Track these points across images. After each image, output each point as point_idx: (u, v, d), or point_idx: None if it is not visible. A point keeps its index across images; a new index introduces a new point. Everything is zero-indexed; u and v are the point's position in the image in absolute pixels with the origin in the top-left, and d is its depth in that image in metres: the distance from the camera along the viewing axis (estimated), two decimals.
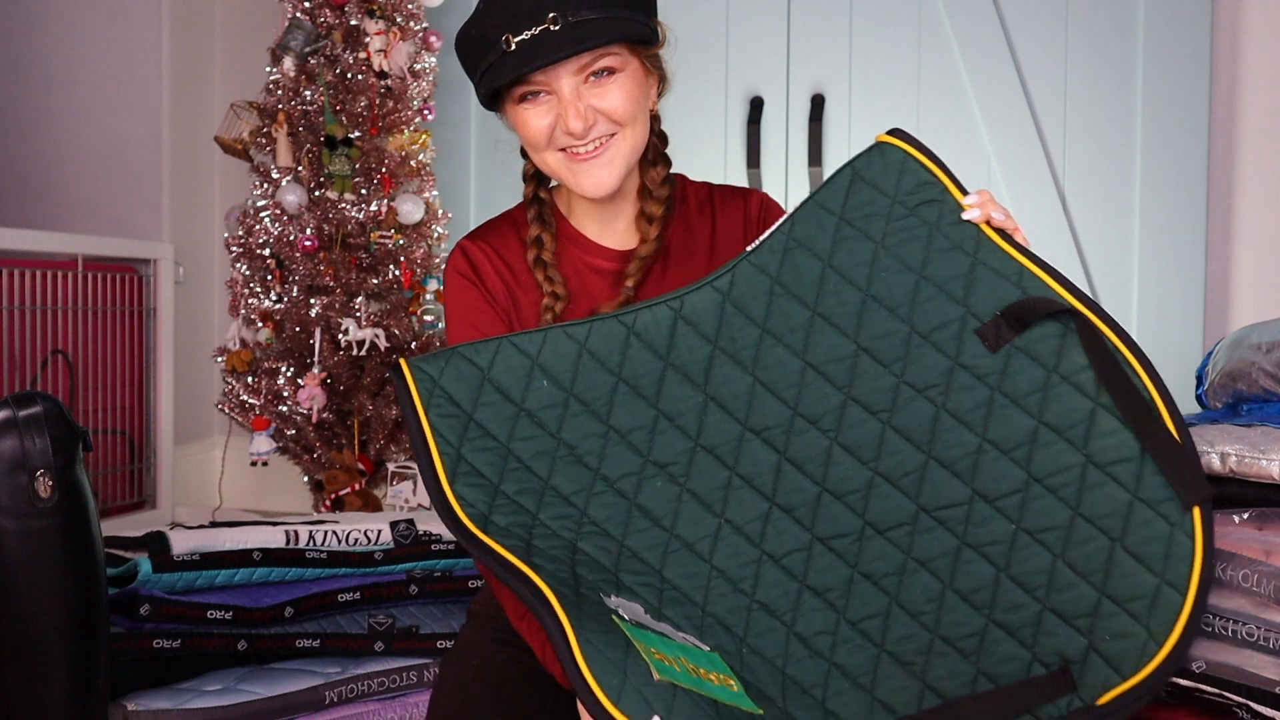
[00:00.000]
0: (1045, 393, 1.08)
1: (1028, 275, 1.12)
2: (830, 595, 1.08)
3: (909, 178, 1.19)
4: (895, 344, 1.13)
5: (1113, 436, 1.04)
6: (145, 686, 1.45)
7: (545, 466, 1.14)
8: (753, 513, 1.11)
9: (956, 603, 1.05)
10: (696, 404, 1.15)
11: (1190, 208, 2.85)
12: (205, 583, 1.52)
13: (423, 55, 2.85)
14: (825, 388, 1.13)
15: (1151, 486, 1.02)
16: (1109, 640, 0.99)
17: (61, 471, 1.28)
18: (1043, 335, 1.09)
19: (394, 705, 1.56)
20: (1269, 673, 1.05)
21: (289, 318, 2.75)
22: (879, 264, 1.15)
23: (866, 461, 1.11)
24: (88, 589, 1.31)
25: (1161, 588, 0.99)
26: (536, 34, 1.21)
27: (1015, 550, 1.04)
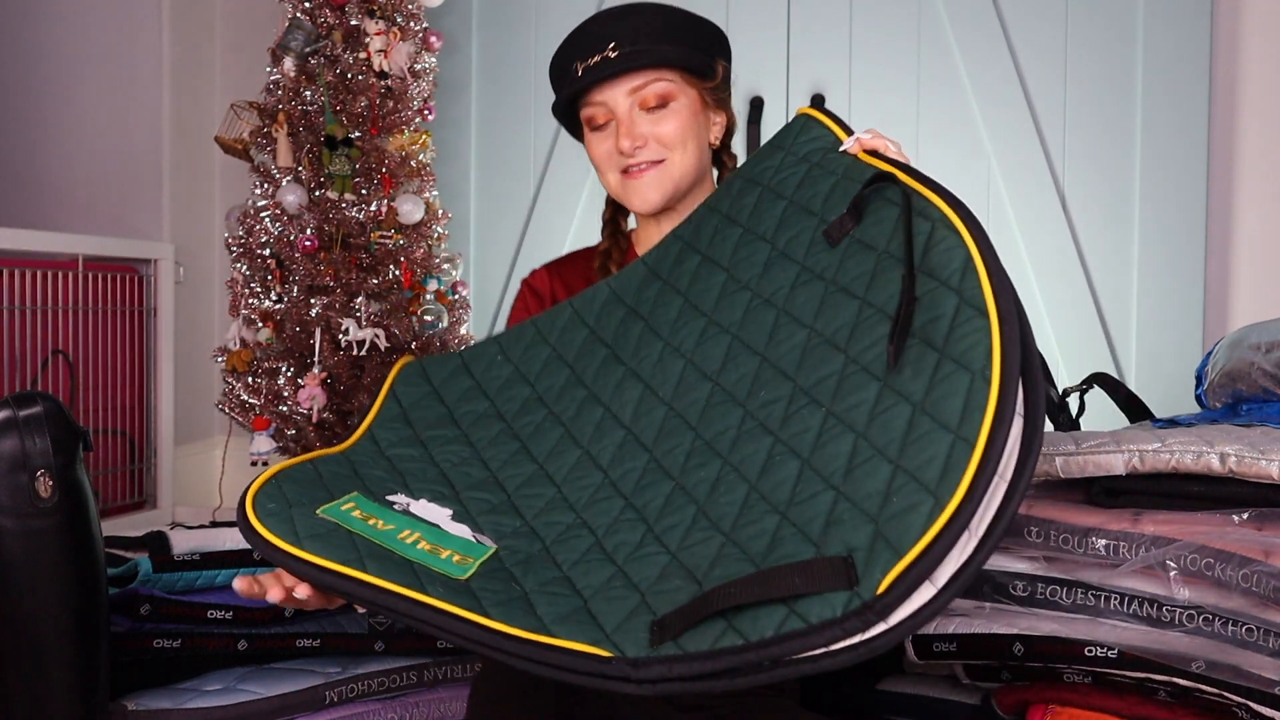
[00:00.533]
0: (873, 274, 1.04)
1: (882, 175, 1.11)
2: (647, 511, 1.05)
3: (805, 134, 1.27)
4: (756, 263, 1.18)
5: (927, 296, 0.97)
6: (145, 686, 1.45)
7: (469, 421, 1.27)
8: (609, 440, 1.17)
9: (757, 502, 0.97)
10: (599, 358, 1.26)
11: (1190, 208, 2.85)
12: (205, 582, 1.52)
13: (423, 55, 2.85)
14: (696, 318, 1.20)
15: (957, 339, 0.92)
16: (894, 519, 0.85)
17: (62, 471, 1.28)
18: (877, 220, 1.08)
19: (394, 705, 1.56)
20: (1269, 673, 1.05)
21: (289, 318, 2.75)
22: (760, 201, 1.24)
23: (709, 374, 1.13)
24: (88, 589, 1.31)
25: (955, 444, 0.85)
26: (597, 61, 1.40)
27: (821, 436, 0.97)
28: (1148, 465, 1.18)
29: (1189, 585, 1.11)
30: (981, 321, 0.91)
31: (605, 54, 1.40)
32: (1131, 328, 2.90)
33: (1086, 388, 1.53)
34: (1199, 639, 1.10)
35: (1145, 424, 1.37)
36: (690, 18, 1.45)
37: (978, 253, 0.98)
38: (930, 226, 1.03)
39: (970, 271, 0.96)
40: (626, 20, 1.41)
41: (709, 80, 1.46)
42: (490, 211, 3.36)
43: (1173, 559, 1.11)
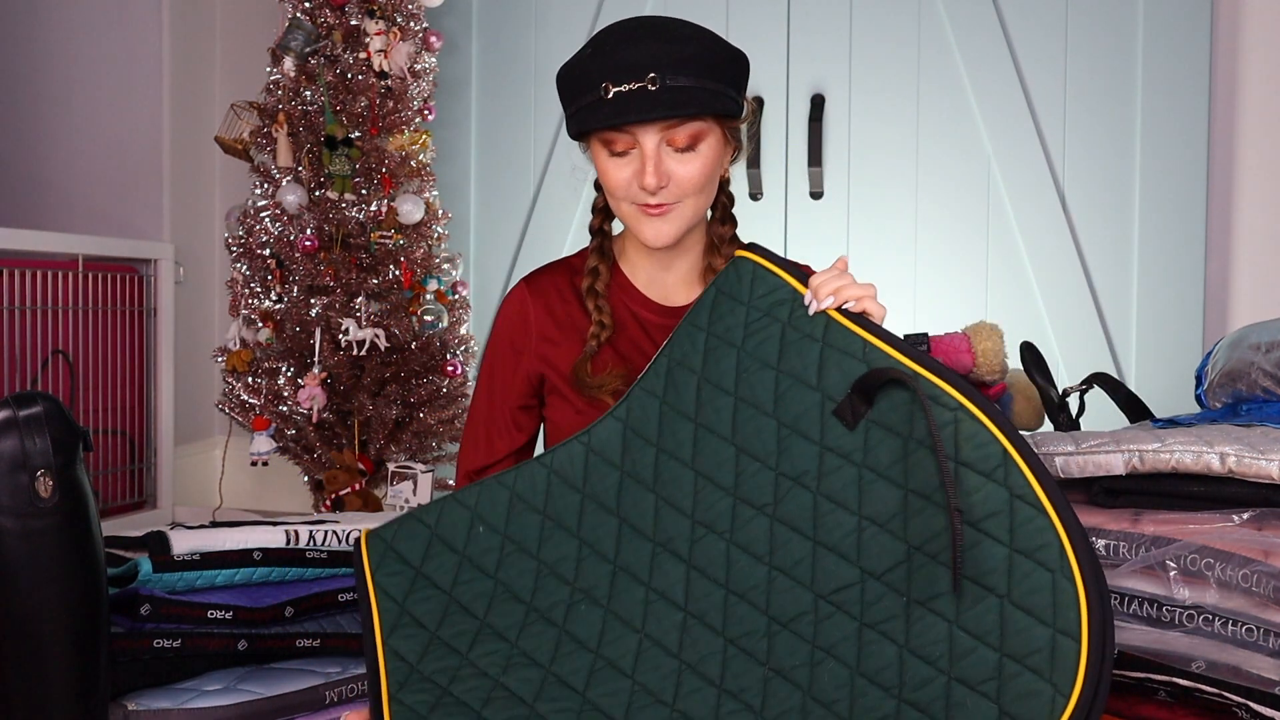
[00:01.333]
0: (905, 461, 1.10)
1: (870, 348, 1.16)
2: (746, 696, 1.09)
3: (760, 284, 1.26)
4: (767, 439, 1.18)
5: (978, 493, 1.05)
6: (145, 686, 1.45)
7: (483, 606, 1.24)
8: (669, 623, 1.16)
9: (866, 687, 1.04)
10: (612, 529, 1.23)
11: (1190, 208, 2.85)
12: (205, 583, 1.52)
13: (423, 55, 2.85)
14: (715, 493, 1.19)
15: (1024, 536, 1.02)
16: (1017, 701, 0.97)
17: (62, 471, 1.28)
18: (892, 405, 1.12)
19: None
20: (1269, 673, 1.05)
21: (289, 318, 2.75)
22: (743, 367, 1.23)
23: (760, 557, 1.14)
24: (88, 589, 1.31)
25: (1056, 637, 0.98)
26: (634, 89, 1.29)
27: (911, 623, 1.04)
28: (1148, 465, 1.18)
29: (1189, 585, 1.11)
30: (1043, 520, 1.01)
31: (645, 84, 1.29)
32: (1131, 328, 2.90)
33: (1086, 388, 1.53)
34: (1199, 639, 1.10)
35: (1145, 424, 1.37)
36: (726, 49, 1.35)
37: (1011, 445, 1.06)
38: (953, 416, 1.09)
39: (1012, 465, 1.04)
40: (666, 46, 1.30)
41: (735, 121, 1.39)
42: (490, 211, 3.36)
43: (1173, 559, 1.11)
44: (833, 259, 1.61)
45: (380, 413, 2.75)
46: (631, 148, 1.34)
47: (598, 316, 1.45)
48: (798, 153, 3.06)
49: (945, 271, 2.98)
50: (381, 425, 2.76)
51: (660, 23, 1.35)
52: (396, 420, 2.80)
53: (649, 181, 1.32)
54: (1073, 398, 1.54)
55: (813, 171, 3.02)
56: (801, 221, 3.07)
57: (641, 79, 1.29)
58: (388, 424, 2.76)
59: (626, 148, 1.34)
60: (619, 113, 1.30)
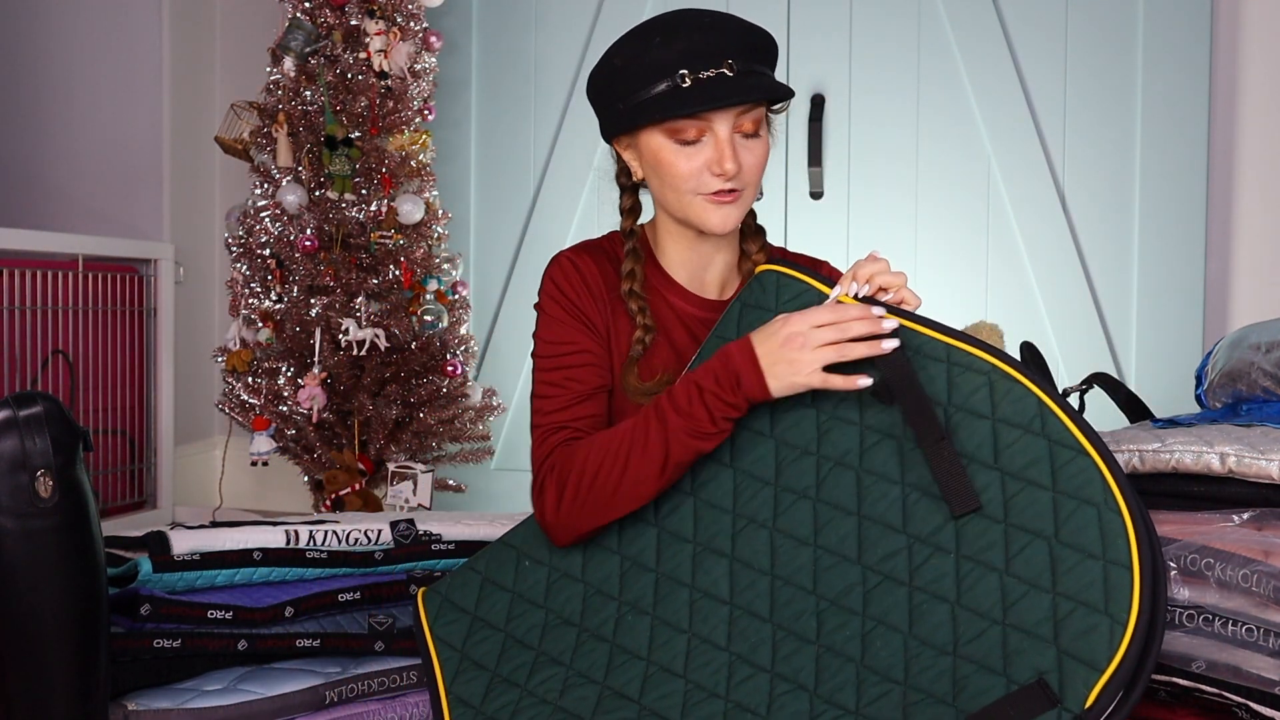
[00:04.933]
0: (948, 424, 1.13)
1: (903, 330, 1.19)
2: (800, 677, 1.11)
3: (785, 291, 1.30)
4: (807, 428, 1.21)
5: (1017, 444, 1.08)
6: (145, 686, 1.45)
7: (537, 637, 1.28)
8: (716, 619, 1.18)
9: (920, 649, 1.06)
10: (651, 539, 1.26)
11: (1190, 208, 2.85)
12: (205, 583, 1.52)
13: (423, 55, 2.85)
14: (755, 484, 1.22)
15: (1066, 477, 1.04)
16: (1076, 640, 0.99)
17: (62, 471, 1.28)
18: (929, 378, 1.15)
19: (394, 705, 1.56)
20: (1269, 673, 1.05)
21: (289, 318, 2.75)
22: None
23: (804, 540, 1.16)
24: (89, 589, 1.31)
25: (1108, 569, 1.00)
26: (714, 75, 1.29)
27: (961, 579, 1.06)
28: (1148, 465, 1.18)
29: (1189, 585, 1.11)
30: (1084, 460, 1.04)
31: (722, 70, 1.29)
32: (1131, 328, 2.90)
33: (1086, 388, 1.53)
34: (1199, 639, 1.10)
35: (1145, 424, 1.37)
36: (770, 37, 1.37)
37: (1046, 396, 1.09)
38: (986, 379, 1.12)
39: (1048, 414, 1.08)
40: (734, 35, 1.32)
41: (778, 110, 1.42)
42: (490, 211, 3.36)
43: (1173, 559, 1.11)
44: (832, 258, 1.61)
45: (380, 413, 2.75)
46: (703, 135, 1.32)
47: (641, 320, 1.41)
48: (798, 153, 3.06)
49: (945, 271, 2.98)
50: (381, 425, 2.76)
51: (717, 14, 1.36)
52: (396, 420, 2.80)
53: (729, 167, 1.31)
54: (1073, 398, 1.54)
55: (813, 171, 3.02)
56: (801, 221, 3.07)
57: (719, 65, 1.29)
58: (388, 424, 2.76)
59: (699, 135, 1.32)
60: (706, 98, 1.29)
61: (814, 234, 3.03)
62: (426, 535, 1.66)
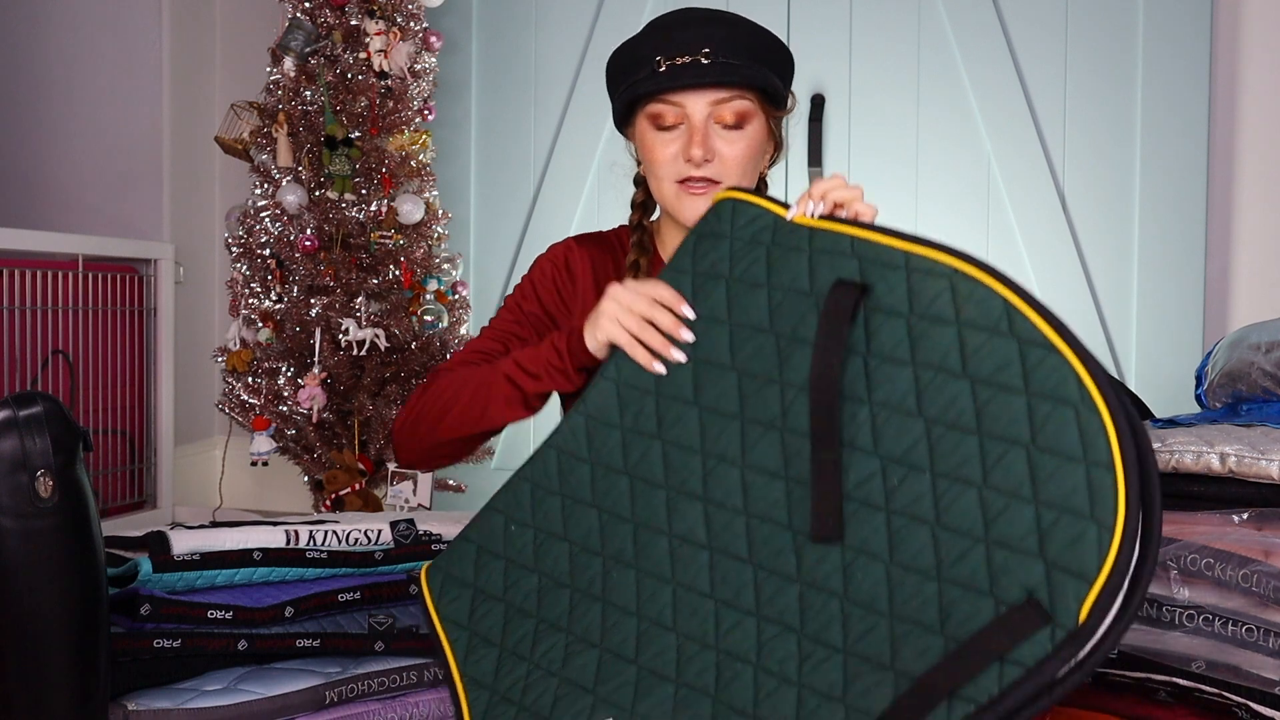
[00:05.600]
0: (910, 335, 1.05)
1: (859, 242, 1.13)
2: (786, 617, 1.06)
3: (740, 216, 1.24)
4: (768, 355, 1.15)
5: (984, 348, 1.01)
6: (145, 686, 1.45)
7: (534, 603, 1.25)
8: (697, 566, 1.14)
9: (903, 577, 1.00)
10: (624, 488, 1.22)
11: (1190, 208, 2.85)
12: (205, 583, 1.52)
13: (423, 55, 2.85)
14: (722, 421, 1.16)
15: (1039, 378, 0.97)
16: (1064, 551, 0.91)
17: (62, 471, 1.28)
18: (890, 286, 1.08)
19: (394, 705, 1.56)
20: (1269, 673, 1.05)
21: (289, 318, 2.75)
22: (733, 293, 1.20)
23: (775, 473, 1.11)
24: (88, 589, 1.31)
25: (1090, 471, 0.92)
26: (687, 62, 1.33)
27: (939, 498, 0.99)
28: None
29: (1189, 585, 1.11)
30: (1055, 358, 0.96)
31: (697, 57, 1.33)
32: (1131, 328, 2.90)
33: None
34: (1199, 639, 1.10)
35: (1145, 424, 1.37)
36: (777, 42, 1.40)
37: (1012, 293, 1.01)
38: (948, 282, 1.05)
39: (1015, 313, 1.00)
40: (721, 28, 1.36)
41: (780, 110, 1.42)
42: (490, 211, 3.36)
43: (1173, 559, 1.11)
44: None
45: (380, 413, 2.75)
46: (680, 122, 1.36)
47: None
48: (798, 153, 3.06)
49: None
50: (381, 425, 2.76)
51: (714, 11, 1.39)
52: None
53: (695, 152, 1.34)
54: None
55: (813, 171, 3.02)
56: None
57: (695, 54, 1.33)
58: (387, 424, 2.76)
59: (676, 121, 1.36)
60: (672, 78, 1.33)
61: None
62: (426, 535, 1.66)
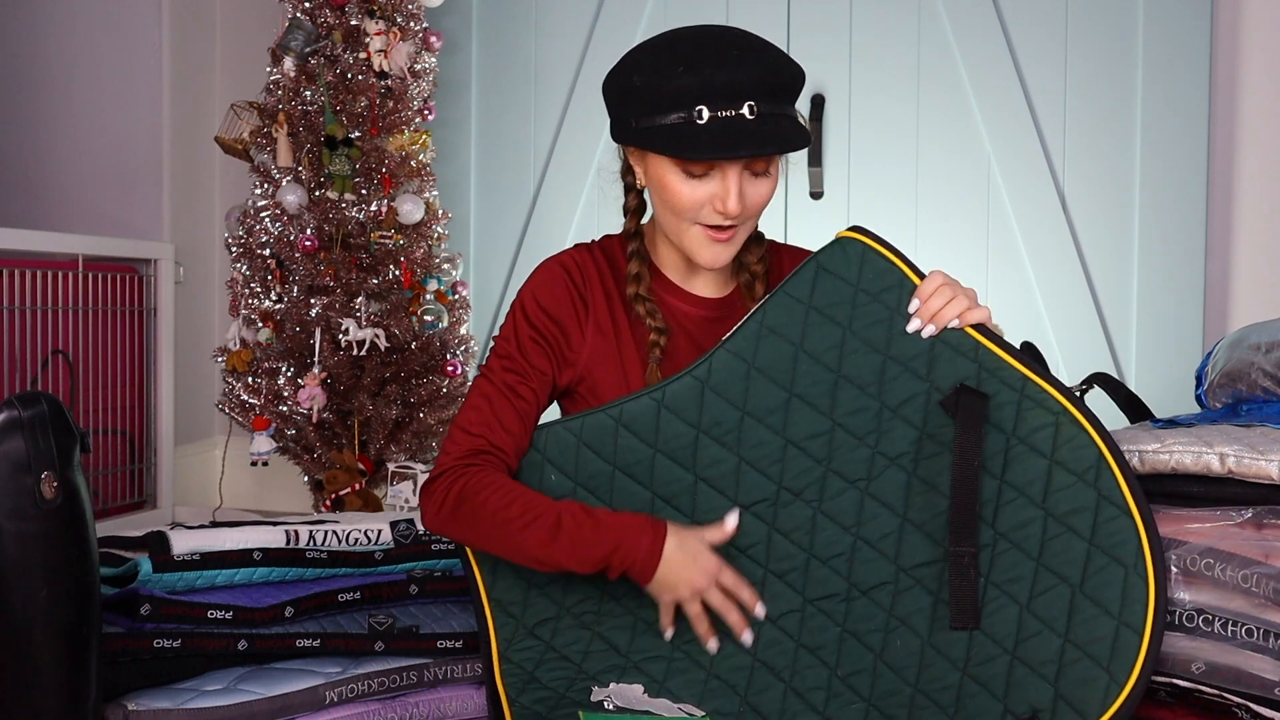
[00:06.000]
0: (1006, 455, 1.15)
1: (983, 350, 1.20)
2: (822, 653, 1.17)
3: (869, 267, 1.27)
4: (868, 418, 1.21)
5: (1068, 490, 1.12)
6: (145, 686, 1.45)
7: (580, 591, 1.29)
8: (750, 579, 1.22)
9: (935, 658, 1.12)
10: (687, 484, 1.25)
11: (1190, 208, 2.85)
12: (205, 583, 1.52)
13: (423, 55, 2.85)
14: (806, 461, 1.22)
15: (1105, 534, 1.09)
16: (1074, 687, 1.05)
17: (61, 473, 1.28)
18: (1000, 404, 1.17)
19: (394, 705, 1.56)
20: (1269, 673, 1.05)
21: (289, 318, 2.75)
22: (848, 346, 1.24)
23: (848, 527, 1.19)
24: (82, 592, 1.31)
25: (1120, 630, 1.05)
26: (732, 116, 1.25)
27: (986, 603, 1.11)
28: (1148, 465, 1.18)
29: (1189, 586, 1.11)
30: (1126, 521, 1.08)
31: (741, 112, 1.24)
32: (1131, 328, 2.90)
33: (1086, 388, 1.53)
34: (1200, 640, 1.10)
35: (1145, 424, 1.37)
36: (799, 72, 1.33)
37: (1107, 451, 1.12)
38: (1054, 420, 1.14)
39: (1104, 469, 1.11)
40: (763, 70, 1.28)
41: None
42: (490, 211, 3.35)
43: (1174, 560, 1.11)
44: None
45: (380, 413, 2.75)
46: (711, 170, 1.29)
47: (654, 324, 1.38)
48: (798, 153, 3.05)
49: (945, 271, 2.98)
50: (381, 425, 2.76)
51: (746, 43, 1.31)
52: (396, 420, 2.80)
53: (733, 208, 1.28)
54: None
55: (813, 171, 3.02)
56: (801, 221, 3.07)
57: (739, 105, 1.25)
58: (388, 424, 2.76)
59: (707, 170, 1.29)
60: (720, 146, 1.24)
61: (814, 234, 3.03)
62: (426, 535, 1.66)
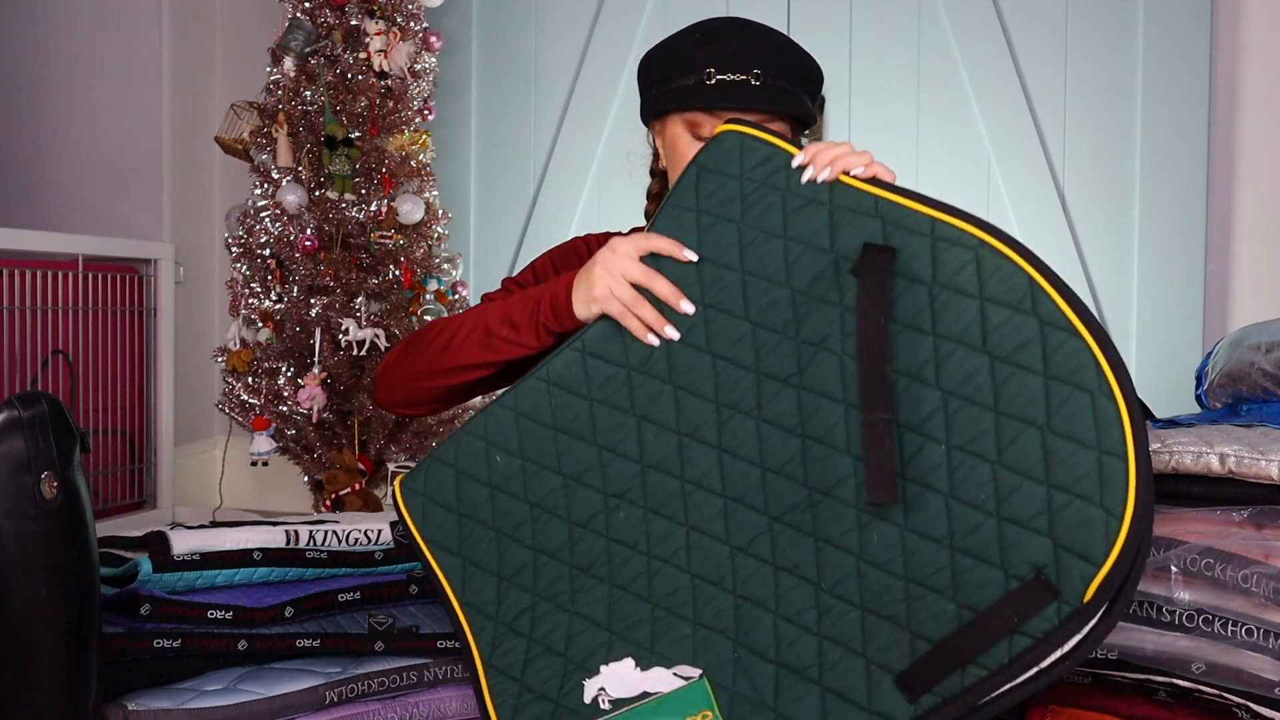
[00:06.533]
0: (932, 306, 1.05)
1: (883, 203, 1.11)
2: (801, 570, 1.08)
3: (750, 155, 1.20)
4: (782, 309, 1.13)
5: (1007, 326, 1.01)
6: (145, 686, 1.45)
7: (528, 532, 1.22)
8: (711, 511, 1.14)
9: (918, 543, 1.02)
10: (630, 428, 1.19)
11: (1190, 208, 2.85)
12: (205, 583, 1.52)
13: (423, 55, 2.85)
14: (735, 371, 1.14)
15: (1058, 361, 0.98)
16: (1070, 532, 0.95)
17: (61, 473, 1.28)
18: (913, 254, 1.08)
19: (394, 705, 1.56)
20: (1269, 673, 1.05)
21: (289, 318, 2.75)
22: (745, 239, 1.17)
23: (792, 429, 1.10)
24: (82, 592, 1.31)
25: (1102, 459, 0.95)
26: (738, 80, 1.34)
27: (954, 470, 1.01)
28: None
29: (1189, 586, 1.11)
30: (1077, 342, 0.98)
31: (749, 78, 1.34)
32: (1131, 328, 2.90)
33: None
34: (1200, 640, 1.10)
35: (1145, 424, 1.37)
36: (813, 63, 1.42)
37: (1036, 272, 1.01)
38: (973, 254, 1.05)
39: (1039, 293, 1.01)
40: (773, 48, 1.37)
41: (807, 128, 1.45)
42: (490, 211, 3.35)
43: (1174, 560, 1.11)
44: None
45: (380, 413, 2.75)
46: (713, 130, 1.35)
47: None
48: None
49: None
50: (381, 425, 2.76)
51: (768, 29, 1.40)
52: (396, 420, 2.80)
53: None
54: None
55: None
56: None
57: (746, 72, 1.34)
58: (388, 424, 2.76)
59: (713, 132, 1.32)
60: (723, 98, 1.33)
61: None
62: None
